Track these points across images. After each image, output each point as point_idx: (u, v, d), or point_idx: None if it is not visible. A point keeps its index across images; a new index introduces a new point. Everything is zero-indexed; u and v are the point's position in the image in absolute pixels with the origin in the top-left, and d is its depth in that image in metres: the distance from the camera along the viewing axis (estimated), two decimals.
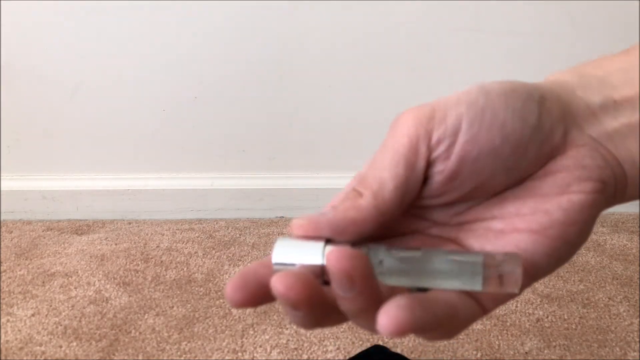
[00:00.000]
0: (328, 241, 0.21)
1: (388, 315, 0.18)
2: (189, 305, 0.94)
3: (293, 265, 0.21)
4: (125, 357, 0.81)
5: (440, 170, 0.21)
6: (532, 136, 0.21)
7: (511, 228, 0.22)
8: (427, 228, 0.24)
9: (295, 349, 0.83)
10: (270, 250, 0.21)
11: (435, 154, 0.21)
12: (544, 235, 0.22)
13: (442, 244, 0.24)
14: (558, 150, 0.22)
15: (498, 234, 0.23)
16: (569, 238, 0.22)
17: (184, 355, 0.82)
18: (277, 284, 0.19)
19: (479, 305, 0.22)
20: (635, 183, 0.23)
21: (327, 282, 0.20)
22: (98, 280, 1.02)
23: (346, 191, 0.22)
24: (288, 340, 0.85)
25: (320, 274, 0.20)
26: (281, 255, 0.21)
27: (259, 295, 0.20)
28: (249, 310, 0.92)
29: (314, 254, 0.20)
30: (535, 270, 0.22)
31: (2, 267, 1.07)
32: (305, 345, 0.84)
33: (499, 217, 0.23)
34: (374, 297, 0.19)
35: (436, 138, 0.21)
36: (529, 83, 0.23)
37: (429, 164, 0.21)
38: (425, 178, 0.22)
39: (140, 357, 0.81)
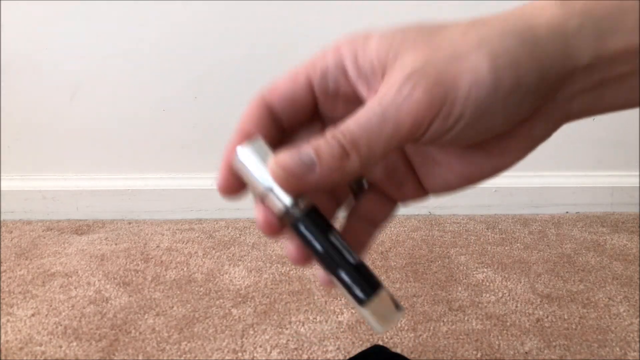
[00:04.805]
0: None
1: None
2: (189, 305, 0.94)
3: (249, 175, 0.22)
4: (125, 357, 0.81)
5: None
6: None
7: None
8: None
9: (295, 349, 0.83)
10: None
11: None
12: None
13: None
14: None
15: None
16: None
17: (184, 355, 0.81)
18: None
19: None
20: None
21: None
22: (98, 280, 1.02)
23: (330, 143, 0.21)
24: (288, 340, 0.85)
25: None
26: (247, 159, 0.23)
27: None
28: (249, 310, 0.92)
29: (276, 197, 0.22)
30: None
31: (2, 267, 1.07)
32: (305, 345, 0.84)
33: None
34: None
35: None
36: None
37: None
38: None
39: (140, 357, 0.81)
